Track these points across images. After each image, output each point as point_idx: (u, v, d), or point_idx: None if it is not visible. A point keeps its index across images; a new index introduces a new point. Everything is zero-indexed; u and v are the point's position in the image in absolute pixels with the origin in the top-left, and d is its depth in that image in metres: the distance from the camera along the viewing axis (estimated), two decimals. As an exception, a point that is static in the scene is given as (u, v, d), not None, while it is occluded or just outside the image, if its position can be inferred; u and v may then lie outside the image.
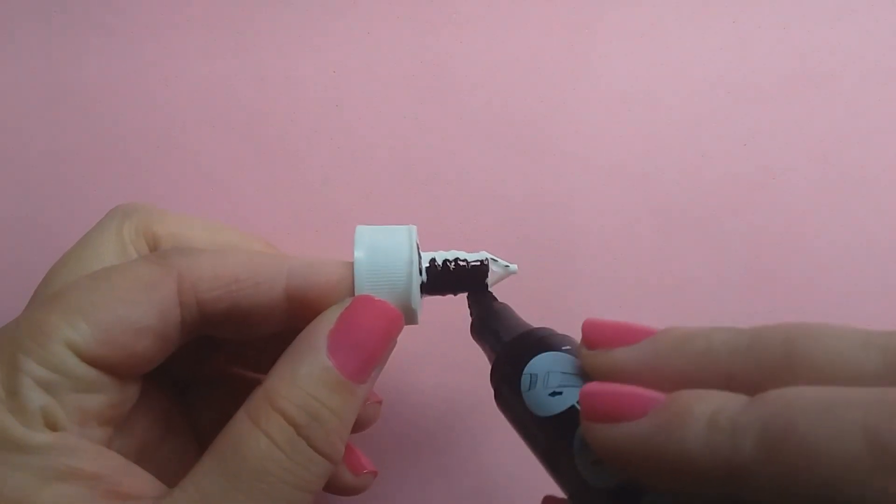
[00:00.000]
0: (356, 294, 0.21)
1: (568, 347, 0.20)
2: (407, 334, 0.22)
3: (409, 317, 0.22)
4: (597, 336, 0.19)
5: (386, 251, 0.22)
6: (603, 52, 0.35)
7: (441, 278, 0.23)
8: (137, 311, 0.20)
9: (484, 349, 0.24)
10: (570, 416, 0.18)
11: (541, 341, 0.21)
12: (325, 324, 0.20)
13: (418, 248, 0.23)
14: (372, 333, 0.20)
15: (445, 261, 0.23)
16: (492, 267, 0.24)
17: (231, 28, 0.36)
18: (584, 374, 0.19)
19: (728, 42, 0.35)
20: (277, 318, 0.22)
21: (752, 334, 0.16)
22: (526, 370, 0.20)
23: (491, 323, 0.23)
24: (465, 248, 0.33)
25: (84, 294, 0.19)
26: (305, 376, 0.19)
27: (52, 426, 0.18)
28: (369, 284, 0.22)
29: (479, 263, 0.24)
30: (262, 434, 0.18)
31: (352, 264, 0.22)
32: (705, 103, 0.34)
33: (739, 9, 0.35)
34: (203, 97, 0.35)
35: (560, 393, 0.19)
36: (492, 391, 0.22)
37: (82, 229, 0.24)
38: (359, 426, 0.25)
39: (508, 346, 0.22)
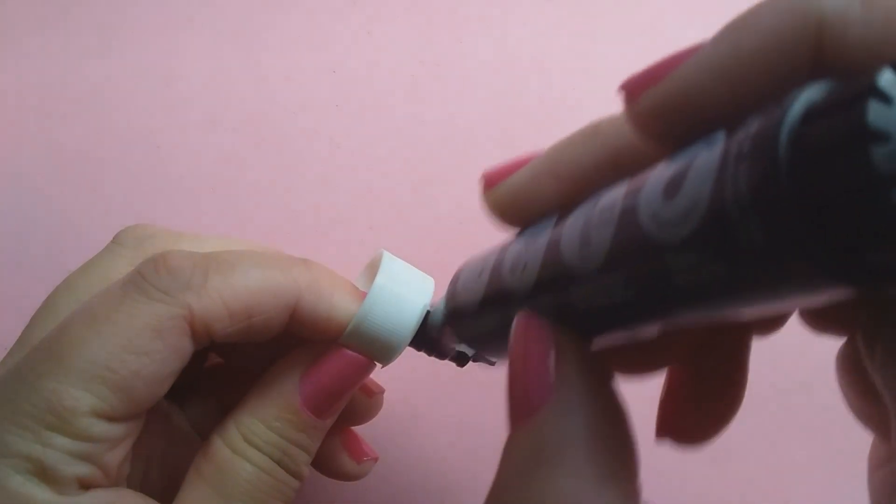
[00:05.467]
0: (353, 322, 0.21)
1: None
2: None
3: (385, 364, 0.23)
4: (493, 175, 0.18)
5: (399, 304, 0.22)
6: (603, 52, 0.35)
7: (427, 341, 0.23)
8: (156, 363, 0.19)
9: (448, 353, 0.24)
10: (495, 274, 0.18)
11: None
12: (298, 365, 0.22)
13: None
14: (343, 382, 0.22)
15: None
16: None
17: (231, 28, 0.36)
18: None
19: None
20: (280, 330, 0.22)
21: None
22: (458, 284, 0.20)
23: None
24: (463, 249, 0.33)
25: (95, 354, 0.18)
26: (275, 420, 0.21)
27: (87, 486, 0.19)
28: (370, 324, 0.22)
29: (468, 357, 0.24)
30: (246, 461, 0.20)
31: (359, 297, 0.22)
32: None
33: (739, 9, 0.35)
34: (203, 97, 0.35)
35: (482, 270, 0.19)
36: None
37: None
38: (362, 418, 0.26)
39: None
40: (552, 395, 0.14)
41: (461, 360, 0.24)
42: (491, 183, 0.18)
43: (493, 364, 0.24)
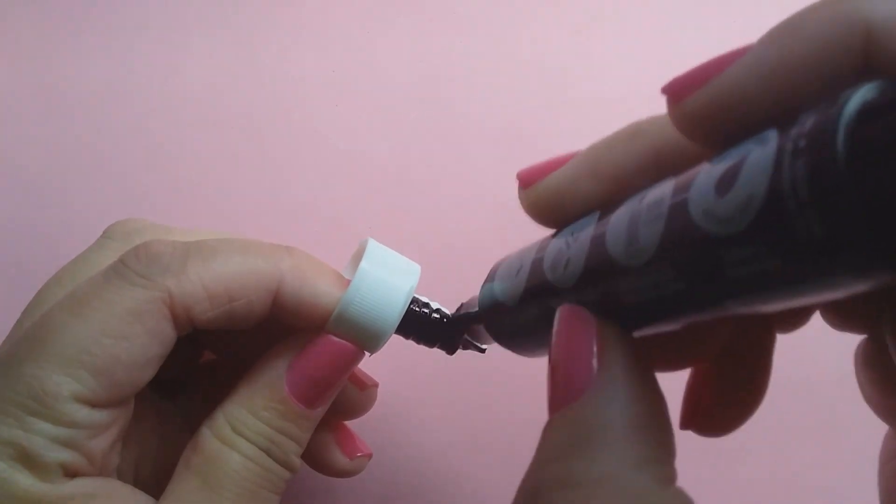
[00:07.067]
0: (338, 308, 0.21)
1: None
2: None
3: (372, 351, 0.23)
4: (530, 173, 0.19)
5: (384, 288, 0.22)
6: (603, 52, 0.35)
7: (415, 326, 0.23)
8: (136, 347, 0.19)
9: (473, 336, 0.24)
10: (536, 271, 0.18)
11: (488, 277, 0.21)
12: (286, 355, 0.21)
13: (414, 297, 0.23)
14: (331, 371, 0.21)
15: (427, 312, 0.23)
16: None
17: (231, 28, 0.36)
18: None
19: (728, 42, 0.34)
20: (265, 318, 0.22)
21: None
22: (494, 285, 0.20)
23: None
24: (463, 250, 0.33)
25: (76, 339, 0.19)
26: (263, 409, 0.21)
27: (72, 474, 0.19)
28: (355, 310, 0.21)
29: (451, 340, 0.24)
30: (234, 451, 0.20)
31: (343, 284, 0.22)
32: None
33: (739, 9, 0.35)
34: (203, 97, 0.35)
35: (519, 268, 0.19)
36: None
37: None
38: (355, 412, 0.25)
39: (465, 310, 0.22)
40: (594, 381, 0.14)
41: (450, 347, 0.24)
42: (528, 182, 0.19)
43: (482, 352, 0.24)
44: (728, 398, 0.19)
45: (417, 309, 0.23)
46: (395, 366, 0.30)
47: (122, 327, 0.19)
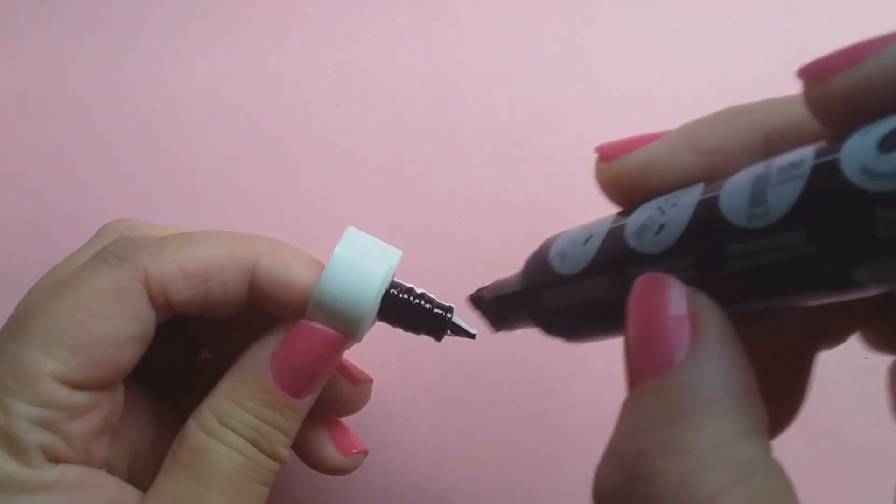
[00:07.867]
0: (314, 293, 0.21)
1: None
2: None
3: (354, 337, 0.22)
4: (614, 147, 0.18)
5: (358, 273, 0.21)
6: (602, 52, 0.35)
7: (397, 312, 0.23)
8: (114, 324, 0.19)
9: (513, 316, 0.22)
10: (613, 238, 0.17)
11: (545, 244, 0.20)
12: (269, 345, 0.21)
13: (393, 279, 0.23)
14: (314, 358, 0.21)
15: (409, 297, 0.23)
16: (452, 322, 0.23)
17: (231, 28, 0.36)
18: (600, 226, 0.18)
19: (728, 42, 0.34)
20: (243, 302, 0.22)
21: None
22: (551, 254, 0.19)
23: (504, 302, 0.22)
24: (463, 250, 0.33)
25: (55, 318, 0.19)
26: (248, 400, 0.21)
27: (54, 459, 0.19)
28: (330, 295, 0.21)
29: (440, 312, 0.23)
30: (220, 443, 0.20)
31: (320, 269, 0.21)
32: (705, 103, 0.34)
33: (739, 9, 0.35)
34: (202, 97, 0.35)
35: (589, 237, 0.18)
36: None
37: (80, 229, 0.24)
38: (348, 408, 0.25)
39: (523, 274, 0.21)
40: (692, 349, 0.14)
41: (437, 333, 0.23)
42: (611, 155, 0.18)
43: (472, 337, 0.23)
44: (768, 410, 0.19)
45: (400, 294, 0.23)
46: (391, 362, 0.30)
47: (99, 305, 0.19)
